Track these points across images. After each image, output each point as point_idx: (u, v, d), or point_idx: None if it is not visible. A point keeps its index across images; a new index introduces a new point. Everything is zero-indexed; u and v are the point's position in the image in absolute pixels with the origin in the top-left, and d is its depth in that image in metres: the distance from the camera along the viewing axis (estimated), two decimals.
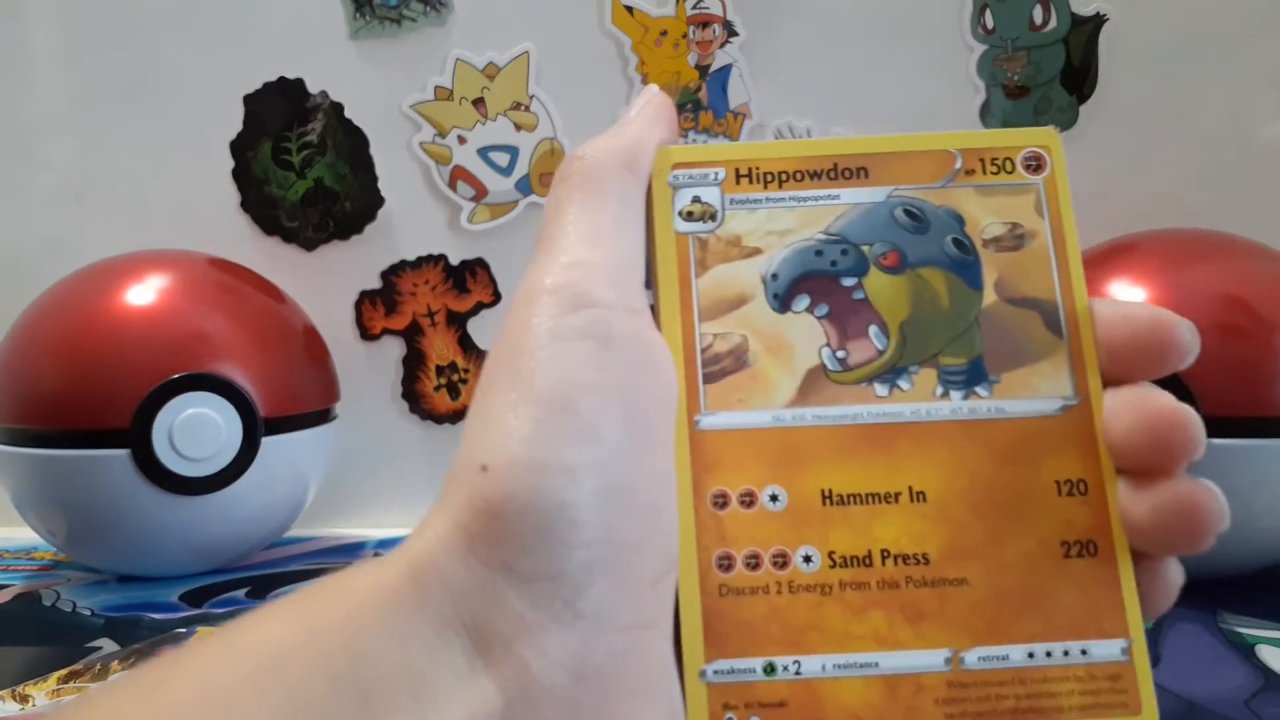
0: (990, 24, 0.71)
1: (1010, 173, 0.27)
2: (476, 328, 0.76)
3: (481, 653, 0.20)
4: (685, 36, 0.73)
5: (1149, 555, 0.24)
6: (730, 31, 0.72)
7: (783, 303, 0.26)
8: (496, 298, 0.76)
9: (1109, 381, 0.25)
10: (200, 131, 0.76)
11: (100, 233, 0.73)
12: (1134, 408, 0.24)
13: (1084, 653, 0.24)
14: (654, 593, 0.22)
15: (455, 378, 0.77)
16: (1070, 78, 0.70)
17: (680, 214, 0.26)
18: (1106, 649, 0.24)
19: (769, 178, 0.27)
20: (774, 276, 0.26)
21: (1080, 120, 0.71)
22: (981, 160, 0.27)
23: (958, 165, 0.27)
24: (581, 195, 0.25)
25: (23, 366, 0.62)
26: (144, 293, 0.62)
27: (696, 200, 0.27)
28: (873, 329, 0.26)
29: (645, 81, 0.73)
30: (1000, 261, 0.26)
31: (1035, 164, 0.27)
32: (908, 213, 0.26)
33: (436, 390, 0.77)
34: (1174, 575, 0.25)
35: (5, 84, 0.78)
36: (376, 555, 0.69)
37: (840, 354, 0.25)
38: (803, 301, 0.26)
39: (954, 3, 0.71)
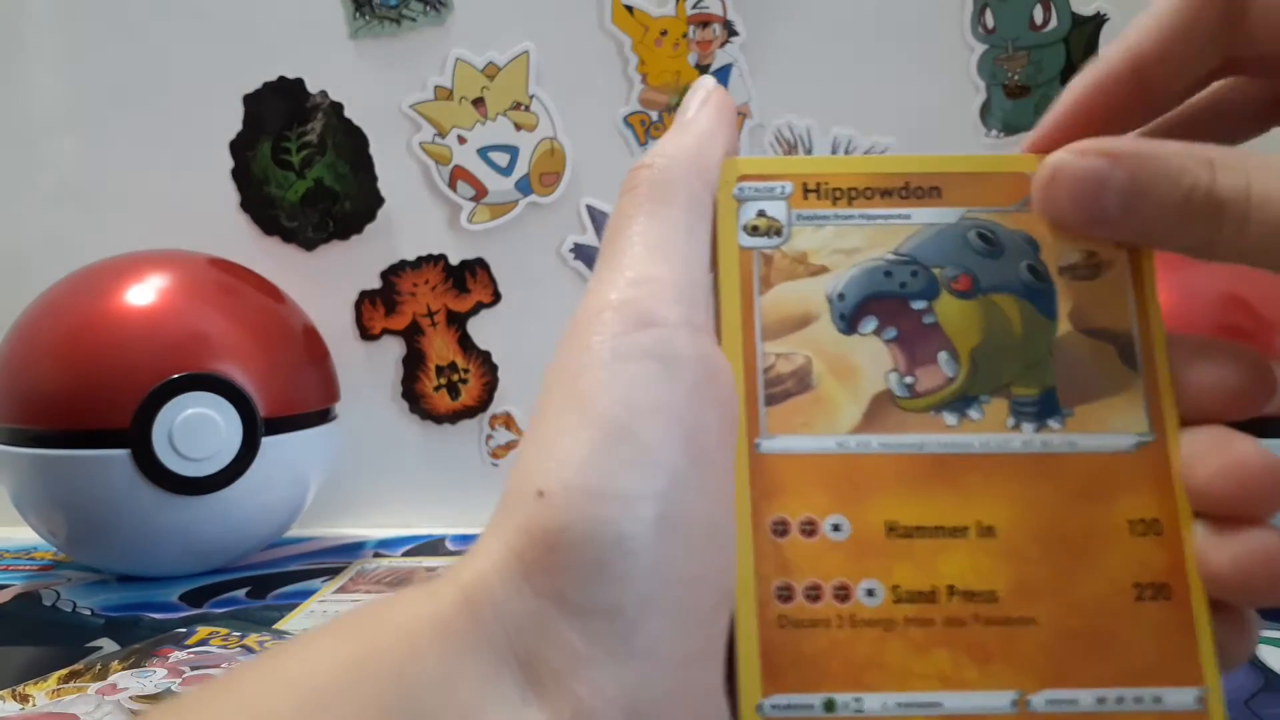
0: (990, 23, 0.71)
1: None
2: (476, 328, 0.76)
3: (533, 686, 0.19)
4: (685, 36, 0.72)
5: (1227, 603, 0.23)
6: (730, 31, 0.72)
7: (849, 324, 0.25)
8: (496, 298, 0.76)
9: (1187, 420, 0.24)
10: (200, 131, 0.76)
11: (100, 232, 0.73)
12: (1219, 451, 0.23)
13: (1157, 700, 0.23)
14: (710, 625, 0.22)
15: (455, 378, 0.77)
16: (1071, 77, 0.70)
17: (745, 228, 0.25)
18: (1180, 697, 0.22)
19: (838, 194, 0.26)
20: (841, 296, 0.25)
21: None
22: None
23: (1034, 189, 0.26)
24: (649, 205, 0.24)
25: (23, 366, 0.62)
26: (144, 292, 0.62)
27: (762, 214, 0.25)
28: (943, 355, 0.25)
29: (646, 81, 0.73)
30: (1075, 290, 0.25)
31: None
32: (981, 236, 0.25)
33: (436, 390, 0.77)
34: (1254, 624, 0.23)
35: (5, 83, 0.78)
36: (376, 555, 0.69)
37: (908, 380, 0.24)
38: (870, 323, 0.25)
39: (954, 2, 0.71)
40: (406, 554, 0.70)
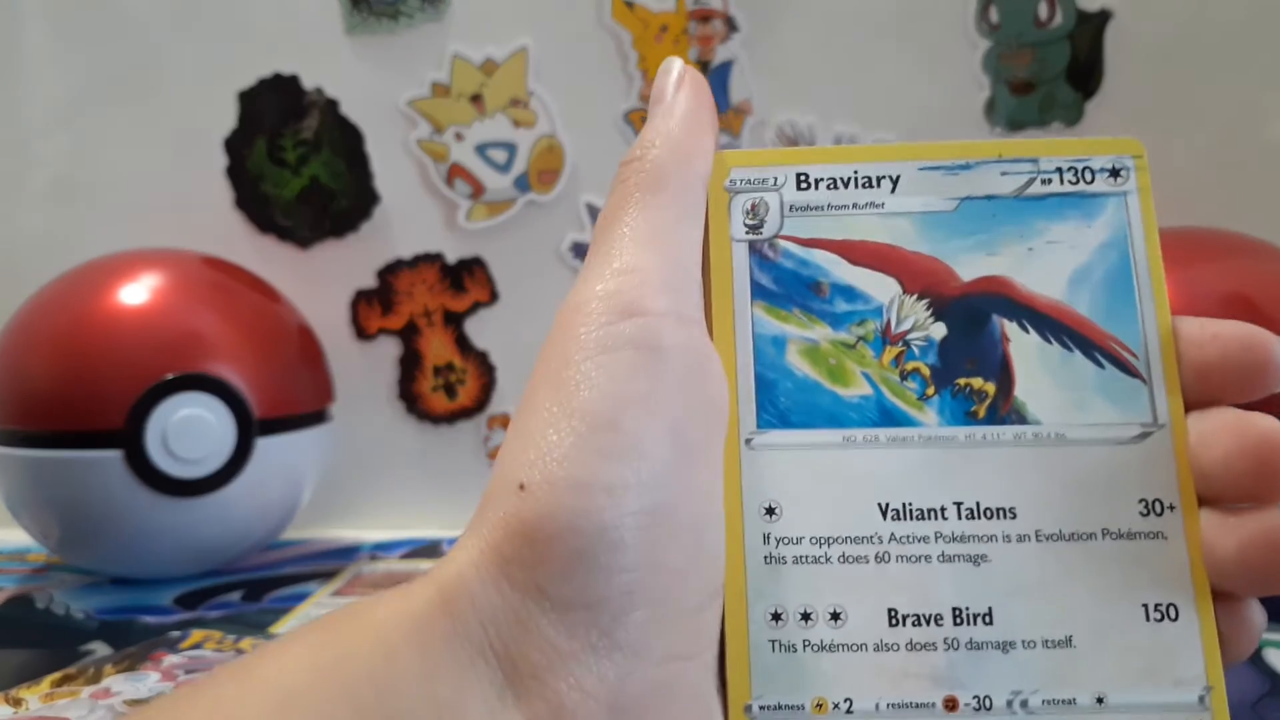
0: (995, 19, 0.70)
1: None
2: (474, 327, 0.76)
3: (512, 683, 0.19)
4: (686, 32, 0.72)
5: (1230, 596, 0.23)
6: (731, 26, 0.72)
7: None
8: (494, 297, 0.76)
9: (1192, 404, 0.23)
10: (194, 128, 0.75)
11: (93, 231, 0.72)
12: (1234, 432, 0.22)
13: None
14: (696, 621, 0.21)
15: (452, 378, 0.76)
16: (1076, 74, 0.70)
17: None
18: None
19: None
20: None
21: (1086, 117, 0.70)
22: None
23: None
24: (639, 195, 0.24)
25: (15, 367, 0.61)
26: (137, 292, 0.62)
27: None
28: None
29: (647, 79, 0.72)
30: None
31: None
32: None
33: (434, 391, 0.76)
34: (1257, 618, 0.23)
35: None
36: (372, 558, 0.69)
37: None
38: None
39: None
40: (404, 557, 0.69)
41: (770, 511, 0.23)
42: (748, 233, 0.25)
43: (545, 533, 0.20)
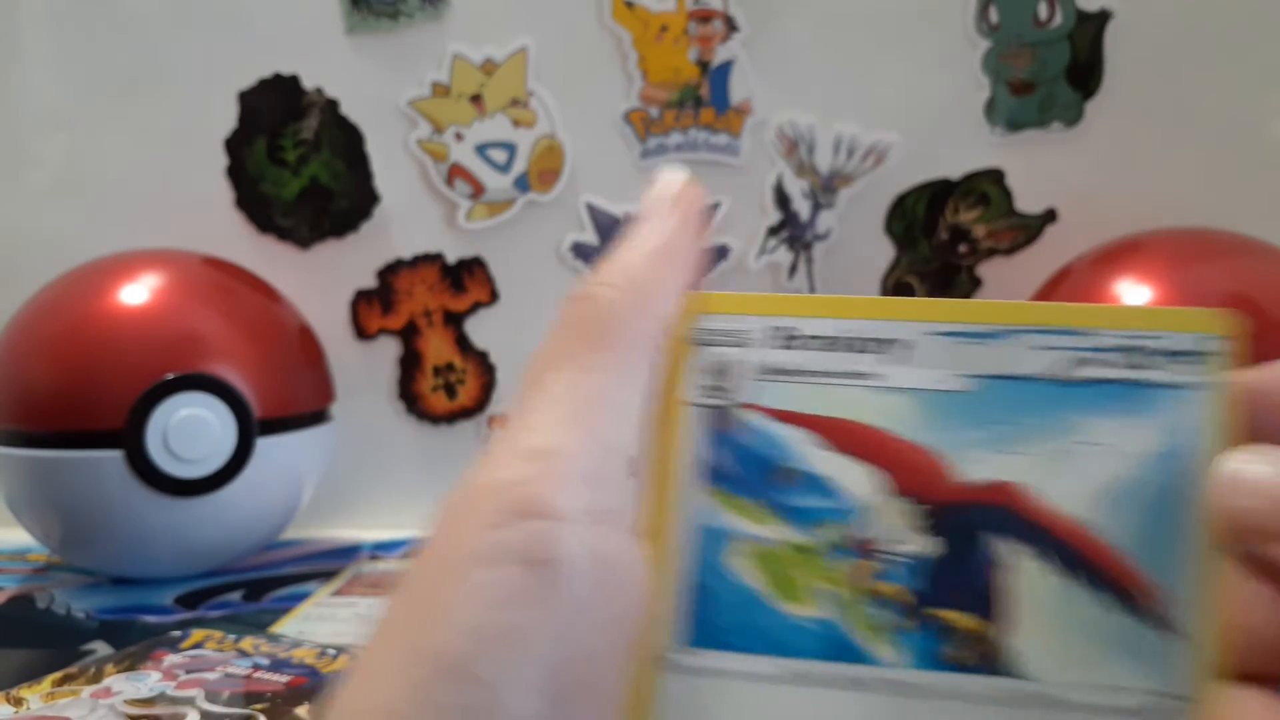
0: (995, 19, 0.70)
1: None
2: (474, 327, 0.76)
3: None
4: (686, 32, 0.72)
5: None
6: (731, 26, 0.72)
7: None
8: (494, 297, 0.75)
9: (1232, 675, 0.18)
10: (194, 128, 0.75)
11: (93, 231, 0.72)
12: None
13: None
14: None
15: (452, 378, 0.76)
16: (1076, 74, 0.70)
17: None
18: None
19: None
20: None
21: (1086, 117, 0.70)
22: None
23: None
24: (580, 349, 0.20)
25: (16, 367, 0.61)
26: (138, 292, 0.62)
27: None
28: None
29: (646, 78, 0.72)
30: None
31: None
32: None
33: (433, 391, 0.76)
34: None
35: None
36: (373, 558, 0.69)
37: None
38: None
39: None
40: (404, 557, 0.69)
41: None
42: (705, 396, 0.20)
43: None
